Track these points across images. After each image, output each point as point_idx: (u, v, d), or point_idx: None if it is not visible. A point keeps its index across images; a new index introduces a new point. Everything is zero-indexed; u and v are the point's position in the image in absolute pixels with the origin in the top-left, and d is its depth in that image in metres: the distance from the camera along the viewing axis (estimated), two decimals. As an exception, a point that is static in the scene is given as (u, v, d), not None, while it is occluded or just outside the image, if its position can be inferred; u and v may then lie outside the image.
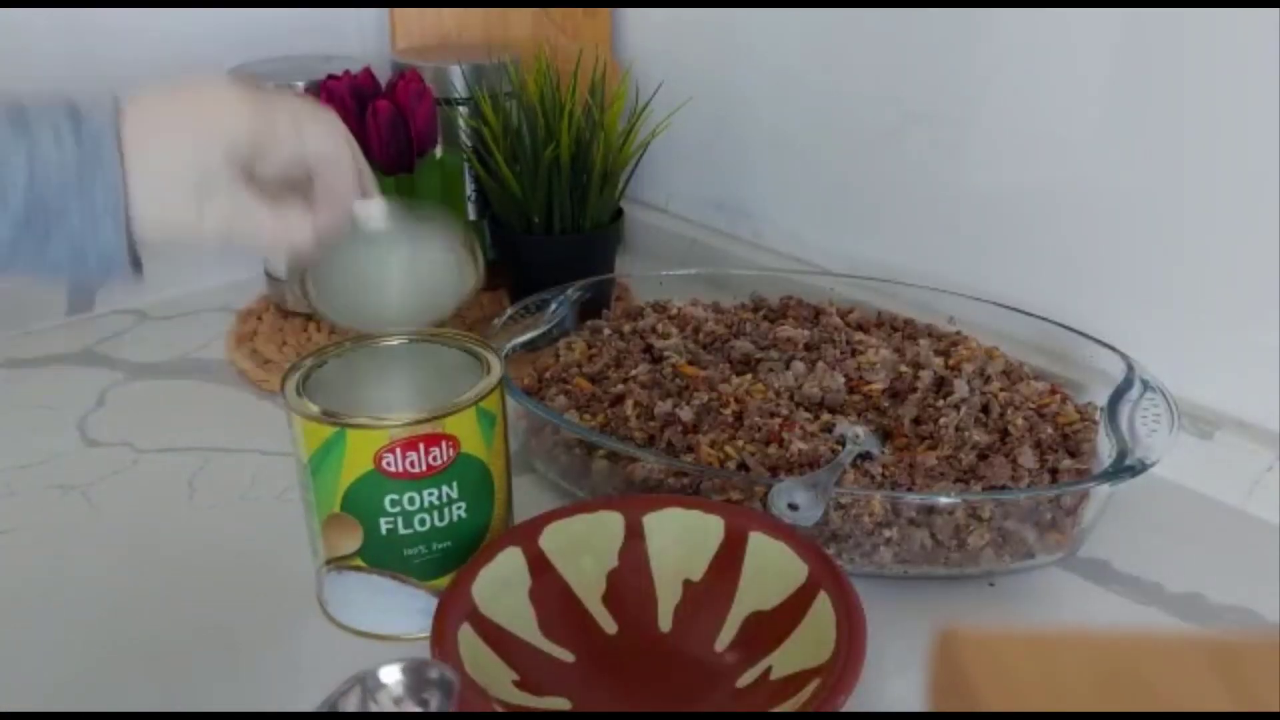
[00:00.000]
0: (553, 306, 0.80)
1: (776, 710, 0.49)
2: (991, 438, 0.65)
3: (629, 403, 0.69)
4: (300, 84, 0.84)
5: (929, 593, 0.60)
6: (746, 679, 0.53)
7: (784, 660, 0.52)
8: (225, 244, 0.48)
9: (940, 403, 0.67)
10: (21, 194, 0.42)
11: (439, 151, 0.81)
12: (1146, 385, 0.66)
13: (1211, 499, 0.69)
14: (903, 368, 0.71)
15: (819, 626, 0.51)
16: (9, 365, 0.86)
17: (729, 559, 0.57)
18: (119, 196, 0.44)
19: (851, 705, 0.47)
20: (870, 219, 0.89)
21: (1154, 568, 0.62)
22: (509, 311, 0.78)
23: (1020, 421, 0.65)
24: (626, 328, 0.78)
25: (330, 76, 0.77)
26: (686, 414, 0.66)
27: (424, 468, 0.51)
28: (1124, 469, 0.59)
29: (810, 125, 0.91)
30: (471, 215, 0.95)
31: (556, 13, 1.01)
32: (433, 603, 0.52)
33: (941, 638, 0.18)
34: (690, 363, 0.72)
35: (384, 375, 0.58)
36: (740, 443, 0.64)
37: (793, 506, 0.56)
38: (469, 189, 0.93)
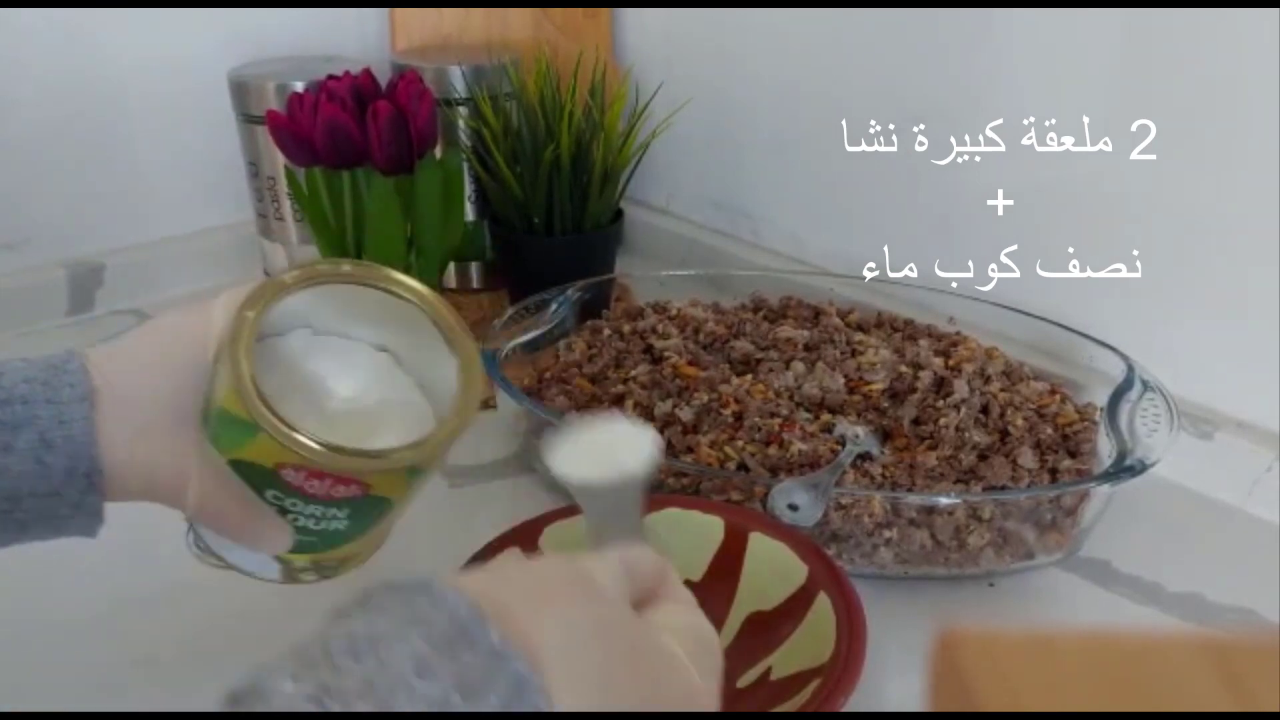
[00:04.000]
0: (553, 307, 0.80)
1: (776, 710, 0.49)
2: (991, 438, 0.65)
3: (629, 403, 0.69)
4: (300, 84, 0.84)
5: (929, 593, 0.60)
6: (746, 679, 0.53)
7: (784, 660, 0.52)
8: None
9: (940, 403, 0.67)
10: None
11: (439, 152, 0.81)
12: (1146, 385, 0.66)
13: (1211, 499, 0.69)
14: (903, 368, 0.71)
15: (819, 627, 0.51)
16: (9, 366, 0.86)
17: (729, 559, 0.57)
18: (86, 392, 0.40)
19: (851, 705, 0.47)
20: (870, 219, 0.89)
21: (1154, 568, 0.62)
22: (509, 312, 0.78)
23: (1020, 422, 0.65)
24: (626, 328, 0.78)
25: (330, 77, 0.77)
26: (686, 414, 0.66)
27: (323, 494, 0.43)
28: (1124, 469, 0.59)
29: (810, 126, 0.91)
30: (471, 215, 0.95)
31: (556, 14, 1.01)
32: (275, 565, 0.47)
33: (941, 638, 0.18)
34: (690, 363, 0.72)
35: (345, 350, 0.47)
36: (740, 443, 0.64)
37: (793, 507, 0.56)
38: (469, 189, 0.93)
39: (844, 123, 0.88)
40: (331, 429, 0.42)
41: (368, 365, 0.47)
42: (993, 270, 0.80)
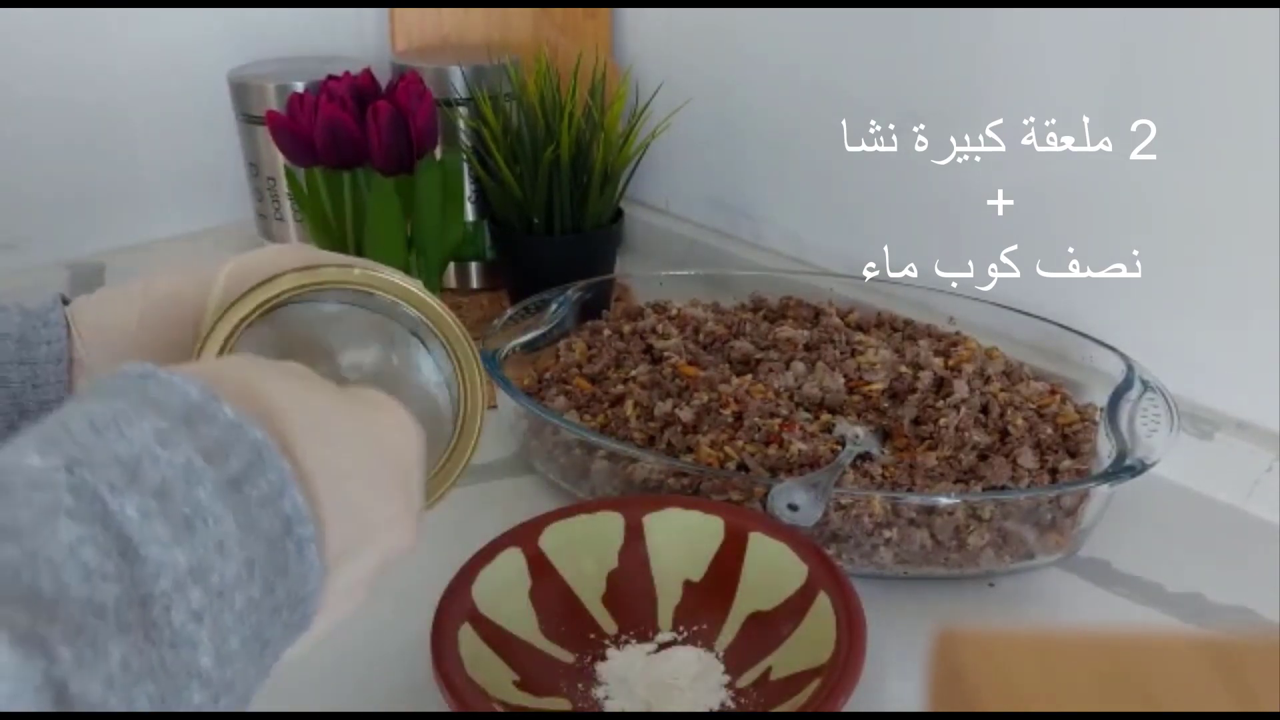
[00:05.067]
0: (553, 307, 0.80)
1: (776, 710, 0.49)
2: (991, 438, 0.65)
3: (629, 403, 0.69)
4: (300, 84, 0.84)
5: (929, 593, 0.60)
6: (747, 679, 0.53)
7: (784, 661, 0.52)
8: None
9: (940, 403, 0.67)
10: None
11: (439, 152, 0.81)
12: (1146, 385, 0.66)
13: (1211, 499, 0.69)
14: (902, 368, 0.71)
15: (819, 627, 0.51)
16: (9, 366, 0.86)
17: (729, 559, 0.57)
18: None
19: (851, 705, 0.47)
20: (870, 219, 0.89)
21: (1154, 568, 0.62)
22: (509, 312, 0.78)
23: (1020, 422, 0.65)
24: (626, 328, 0.78)
25: (330, 77, 0.77)
26: (686, 414, 0.66)
27: None
28: (1124, 469, 0.59)
29: (810, 126, 0.91)
30: (471, 215, 0.95)
31: (556, 14, 1.01)
32: None
33: (941, 638, 0.18)
34: (690, 363, 0.72)
35: (366, 323, 0.45)
36: (740, 443, 0.64)
37: (793, 507, 0.56)
38: (469, 189, 0.93)
39: (844, 122, 0.88)
40: None
41: (394, 343, 0.46)
42: (993, 270, 0.80)
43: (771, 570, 0.55)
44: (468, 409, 0.44)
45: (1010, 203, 0.78)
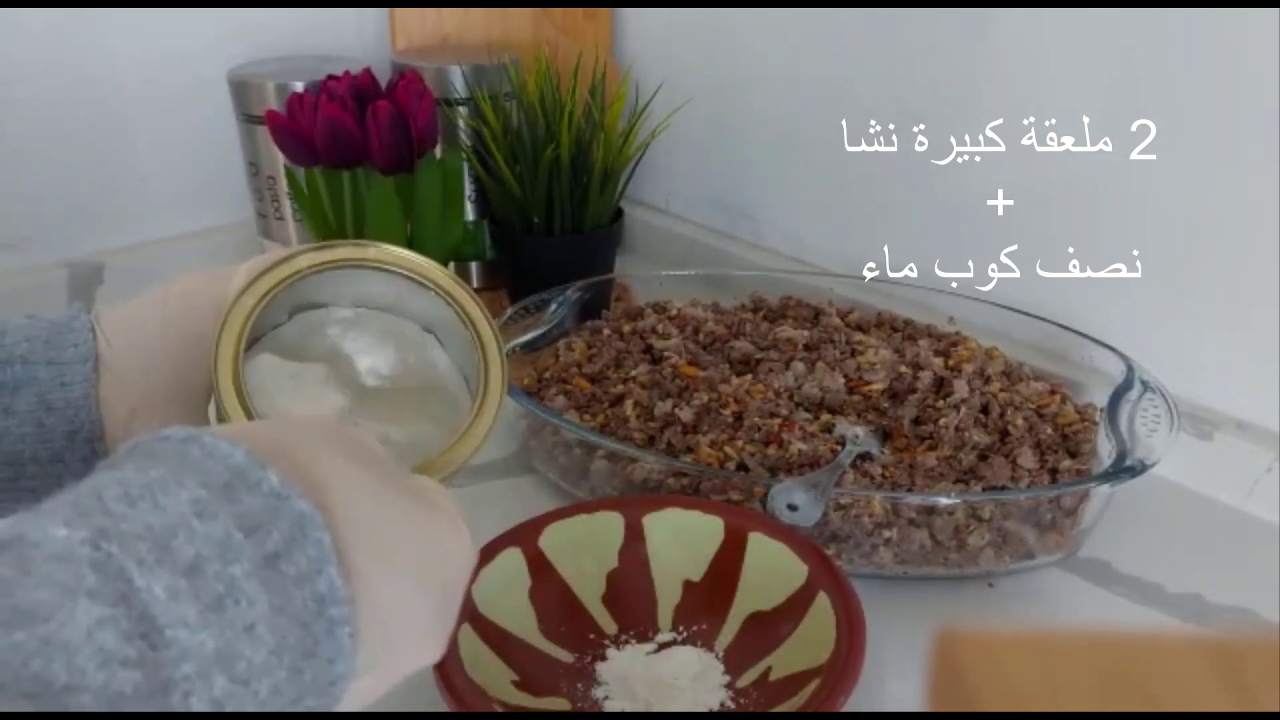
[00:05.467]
0: (553, 307, 0.80)
1: (776, 710, 0.49)
2: (991, 438, 0.65)
3: (629, 403, 0.69)
4: (300, 84, 0.84)
5: (929, 593, 0.60)
6: (746, 679, 0.53)
7: (784, 661, 0.52)
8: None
9: (940, 403, 0.67)
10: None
11: (439, 152, 0.81)
12: (1146, 385, 0.66)
13: (1211, 499, 0.69)
14: (902, 368, 0.71)
15: (819, 627, 0.51)
16: (9, 366, 0.86)
17: (729, 559, 0.57)
18: (90, 349, 0.40)
19: (851, 705, 0.47)
20: (870, 219, 0.89)
21: (1154, 568, 0.62)
22: (509, 311, 0.78)
23: (1020, 422, 0.65)
24: (626, 328, 0.78)
25: (330, 77, 0.77)
26: (686, 414, 0.66)
27: None
28: (1124, 469, 0.58)
29: (810, 125, 0.91)
30: (471, 215, 0.95)
31: (556, 13, 1.01)
32: None
33: (941, 638, 0.18)
34: (690, 363, 0.72)
35: (388, 326, 0.45)
36: (740, 443, 0.64)
37: (792, 507, 0.56)
38: (469, 189, 0.93)
39: (844, 122, 0.88)
40: (356, 410, 0.41)
41: (410, 344, 0.45)
42: (993, 270, 0.80)
43: (771, 570, 0.55)
44: (488, 382, 0.43)
45: (1010, 203, 0.78)
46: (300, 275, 0.41)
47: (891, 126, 0.84)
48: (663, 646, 0.55)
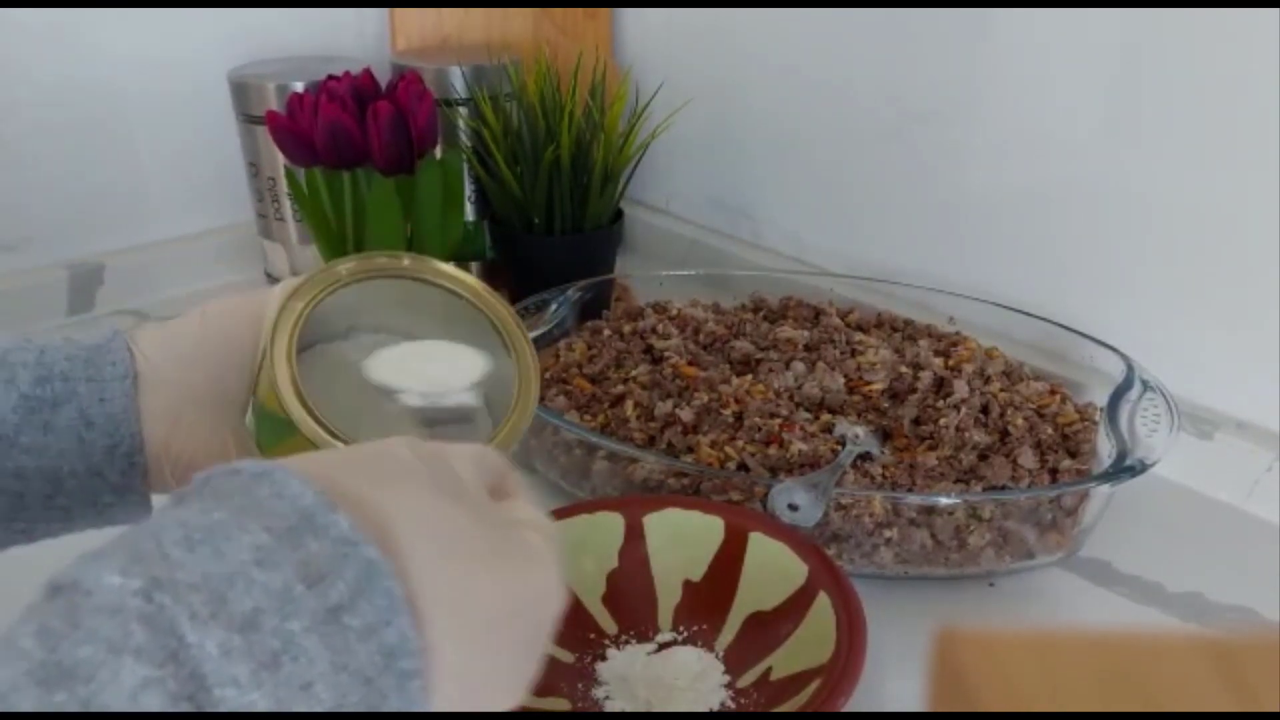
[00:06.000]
0: (553, 307, 0.80)
1: (776, 710, 0.49)
2: (991, 438, 0.65)
3: (629, 403, 0.69)
4: (300, 84, 0.84)
5: (929, 593, 0.60)
6: (747, 679, 0.53)
7: (784, 661, 0.52)
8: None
9: (940, 403, 0.67)
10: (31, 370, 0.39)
11: (439, 152, 0.81)
12: (1146, 385, 0.66)
13: (1211, 499, 0.69)
14: (902, 368, 0.71)
15: (819, 627, 0.51)
16: (9, 366, 0.86)
17: (729, 559, 0.57)
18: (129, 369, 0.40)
19: (851, 705, 0.47)
20: (870, 219, 0.89)
21: (1154, 568, 0.62)
22: (509, 312, 0.78)
23: (1020, 422, 0.65)
24: (626, 328, 0.78)
25: (330, 77, 0.77)
26: (687, 414, 0.66)
27: None
28: (1124, 469, 0.59)
29: (810, 125, 0.91)
30: (471, 215, 0.95)
31: (556, 14, 1.01)
32: None
33: (941, 638, 0.18)
34: (690, 363, 0.72)
35: (394, 344, 0.45)
36: (740, 443, 0.64)
37: (793, 507, 0.56)
38: (469, 189, 0.93)
39: (844, 122, 0.88)
40: (388, 432, 0.41)
41: (453, 368, 0.45)
42: (992, 270, 0.80)
43: (771, 570, 0.55)
44: (521, 389, 0.44)
45: (1010, 202, 0.78)
46: (342, 283, 0.42)
47: (892, 126, 0.84)
48: (663, 646, 0.55)
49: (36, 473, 0.38)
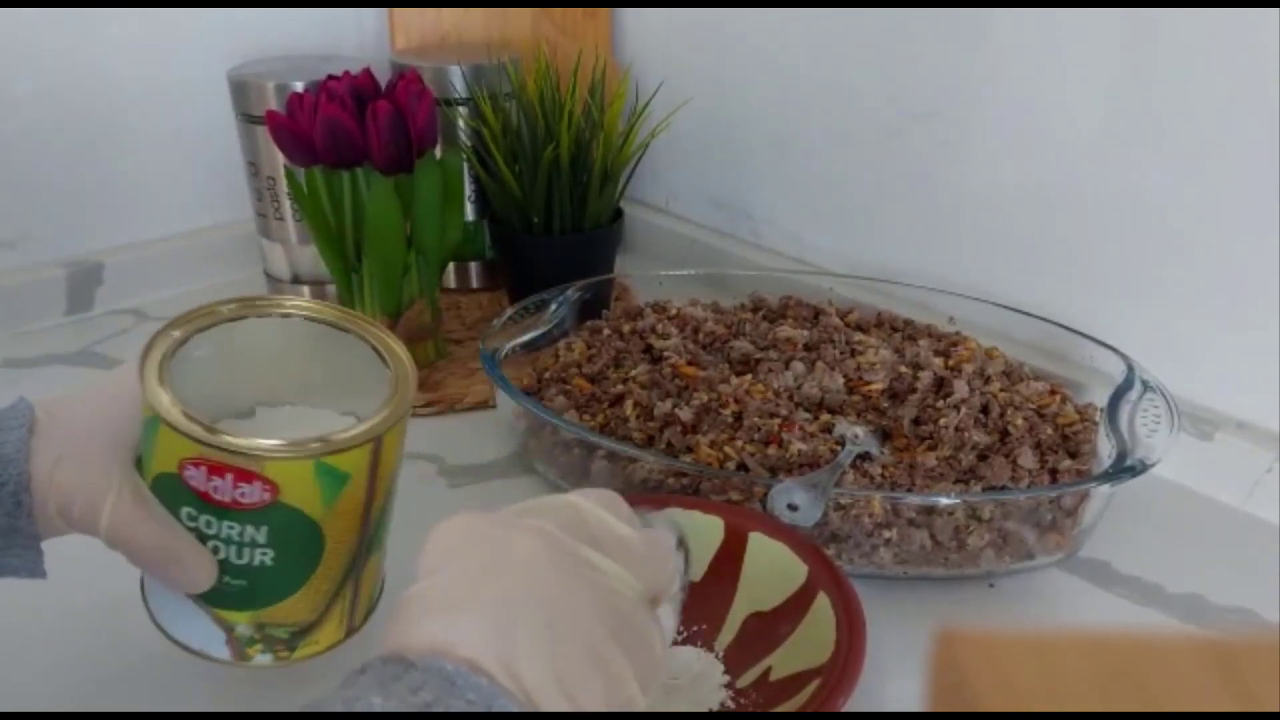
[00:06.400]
0: (553, 306, 0.80)
1: (776, 710, 0.49)
2: (991, 438, 0.65)
3: (628, 403, 0.69)
4: (300, 84, 0.84)
5: (929, 593, 0.60)
6: (746, 679, 0.53)
7: (784, 661, 0.52)
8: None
9: (940, 403, 0.67)
10: None
11: (439, 152, 0.81)
12: (1146, 385, 0.66)
13: (1211, 499, 0.69)
14: (902, 368, 0.71)
15: (819, 627, 0.51)
16: (8, 365, 0.86)
17: (729, 559, 0.57)
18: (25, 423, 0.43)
19: (851, 706, 0.47)
20: (870, 219, 0.89)
21: (1154, 568, 0.62)
22: (509, 312, 0.78)
23: (1020, 422, 0.65)
24: (626, 328, 0.78)
25: (330, 77, 0.77)
26: (686, 414, 0.66)
27: (228, 499, 0.41)
28: (1124, 469, 0.58)
29: (810, 125, 0.91)
30: (471, 215, 0.95)
31: (556, 13, 1.01)
32: (218, 632, 0.45)
33: (941, 638, 0.18)
34: (690, 363, 0.72)
35: (268, 361, 0.47)
36: (740, 443, 0.64)
37: (792, 507, 0.56)
38: (469, 189, 0.93)
39: (844, 122, 0.88)
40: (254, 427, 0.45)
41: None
42: (992, 270, 0.80)
43: (771, 570, 0.55)
44: (397, 388, 0.45)
45: (1010, 203, 0.78)
46: (221, 318, 0.46)
47: (892, 126, 0.84)
48: None
49: None
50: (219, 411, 0.46)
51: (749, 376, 0.71)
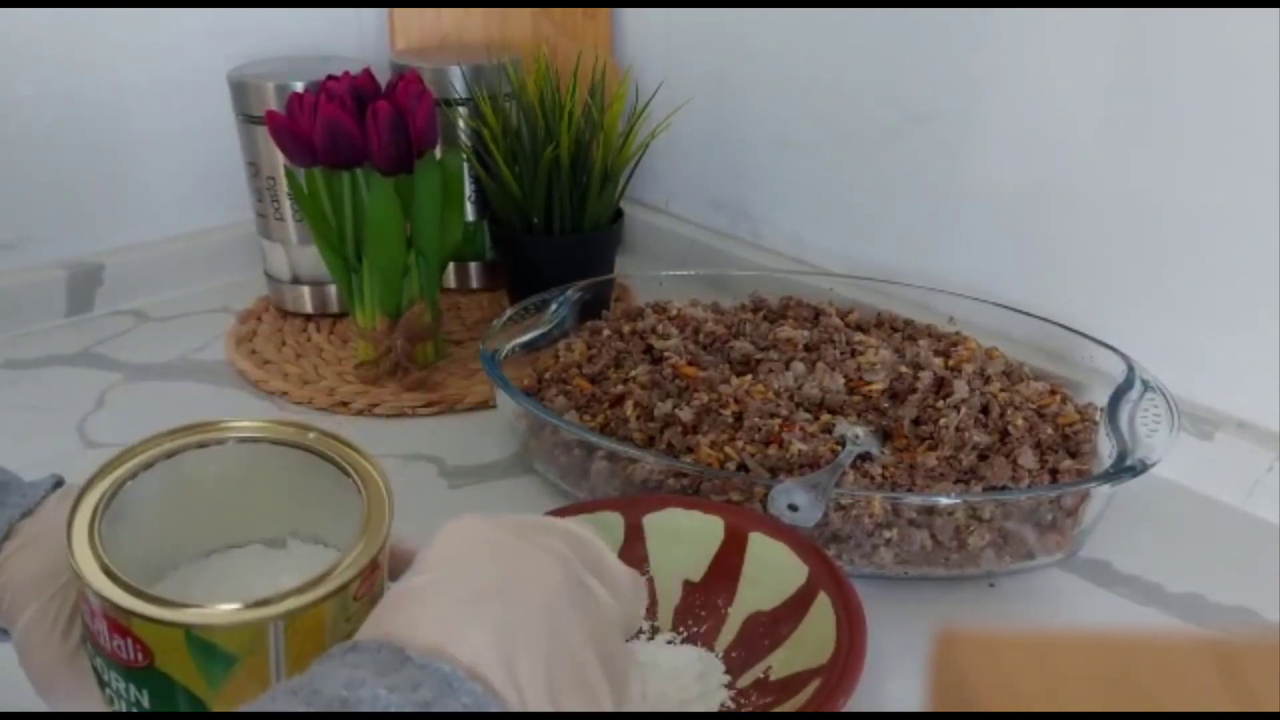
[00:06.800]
0: (553, 307, 0.80)
1: (776, 710, 0.49)
2: (991, 438, 0.65)
3: (629, 403, 0.69)
4: (300, 84, 0.84)
5: (929, 593, 0.60)
6: (746, 679, 0.53)
7: (784, 661, 0.52)
8: None
9: (940, 403, 0.67)
10: None
11: (439, 152, 0.81)
12: (1146, 385, 0.66)
13: (1211, 499, 0.69)
14: (902, 368, 0.71)
15: (819, 627, 0.51)
16: (8, 366, 0.86)
17: (729, 560, 0.57)
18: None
19: (851, 706, 0.47)
20: (870, 219, 0.89)
21: (1154, 568, 0.62)
22: (509, 312, 0.78)
23: (1020, 422, 0.65)
24: (626, 328, 0.78)
25: (330, 77, 0.77)
26: (686, 415, 0.66)
27: (114, 652, 0.37)
28: (1124, 469, 0.58)
29: (810, 125, 0.91)
30: (471, 215, 0.95)
31: (556, 13, 1.01)
32: None
33: (941, 638, 0.18)
34: (690, 363, 0.72)
35: (232, 499, 0.43)
36: (740, 443, 0.64)
37: (793, 507, 0.56)
38: (469, 189, 0.93)
39: (844, 122, 0.88)
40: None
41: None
42: (992, 270, 0.80)
43: (771, 570, 0.55)
44: (371, 515, 0.41)
45: (1010, 203, 0.78)
46: (155, 458, 0.41)
47: (892, 126, 0.84)
48: (663, 647, 0.55)
49: None
50: (175, 555, 0.43)
51: (749, 377, 0.71)
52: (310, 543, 0.45)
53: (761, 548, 0.56)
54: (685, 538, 0.57)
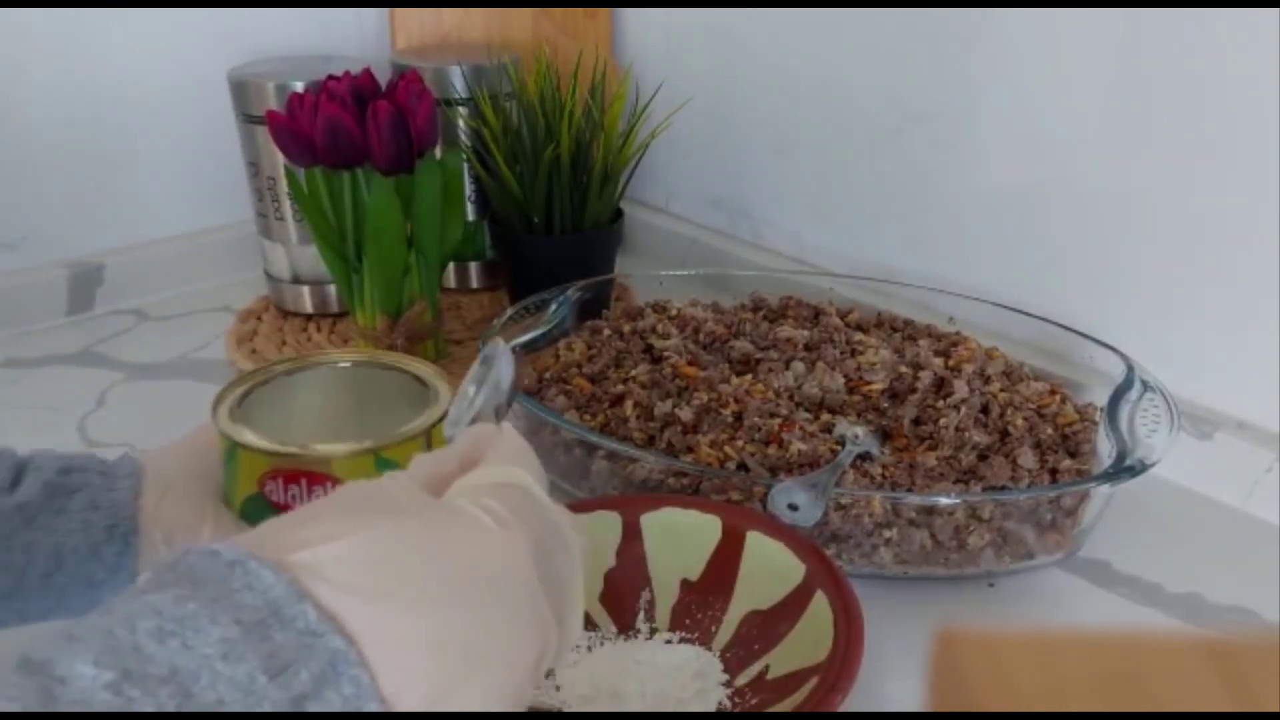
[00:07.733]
0: (553, 307, 0.80)
1: (773, 710, 0.49)
2: (991, 438, 0.65)
3: (629, 403, 0.69)
4: (300, 84, 0.84)
5: (929, 593, 0.60)
6: (744, 678, 0.53)
7: (781, 659, 0.52)
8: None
9: (940, 403, 0.67)
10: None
11: (439, 152, 0.81)
12: (1146, 385, 0.66)
13: (1211, 499, 0.69)
14: (902, 368, 0.71)
15: (816, 626, 0.51)
16: (9, 365, 0.86)
17: (726, 558, 0.57)
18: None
19: (850, 705, 0.47)
20: (870, 219, 0.89)
21: (1154, 568, 0.62)
22: (509, 312, 0.78)
23: (1020, 422, 0.65)
24: (626, 328, 0.78)
25: (330, 77, 0.77)
26: (686, 414, 0.66)
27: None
28: (1124, 469, 0.58)
29: (810, 126, 0.91)
30: (471, 215, 0.95)
31: (556, 13, 1.01)
32: None
33: (940, 638, 0.18)
34: (690, 363, 0.72)
35: (322, 401, 0.52)
36: (740, 443, 0.64)
37: (792, 507, 0.56)
38: (469, 189, 0.93)
39: (844, 122, 0.88)
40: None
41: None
42: (992, 270, 0.80)
43: (769, 569, 0.55)
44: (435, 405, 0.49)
45: (1010, 202, 0.78)
46: (281, 371, 0.50)
47: (892, 126, 0.84)
48: (661, 646, 0.55)
49: (43, 548, 0.43)
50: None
51: (749, 376, 0.71)
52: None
53: (759, 547, 0.56)
54: (683, 537, 0.57)
